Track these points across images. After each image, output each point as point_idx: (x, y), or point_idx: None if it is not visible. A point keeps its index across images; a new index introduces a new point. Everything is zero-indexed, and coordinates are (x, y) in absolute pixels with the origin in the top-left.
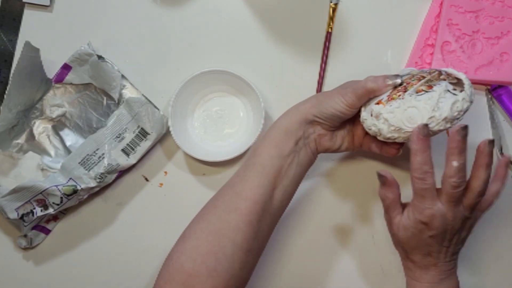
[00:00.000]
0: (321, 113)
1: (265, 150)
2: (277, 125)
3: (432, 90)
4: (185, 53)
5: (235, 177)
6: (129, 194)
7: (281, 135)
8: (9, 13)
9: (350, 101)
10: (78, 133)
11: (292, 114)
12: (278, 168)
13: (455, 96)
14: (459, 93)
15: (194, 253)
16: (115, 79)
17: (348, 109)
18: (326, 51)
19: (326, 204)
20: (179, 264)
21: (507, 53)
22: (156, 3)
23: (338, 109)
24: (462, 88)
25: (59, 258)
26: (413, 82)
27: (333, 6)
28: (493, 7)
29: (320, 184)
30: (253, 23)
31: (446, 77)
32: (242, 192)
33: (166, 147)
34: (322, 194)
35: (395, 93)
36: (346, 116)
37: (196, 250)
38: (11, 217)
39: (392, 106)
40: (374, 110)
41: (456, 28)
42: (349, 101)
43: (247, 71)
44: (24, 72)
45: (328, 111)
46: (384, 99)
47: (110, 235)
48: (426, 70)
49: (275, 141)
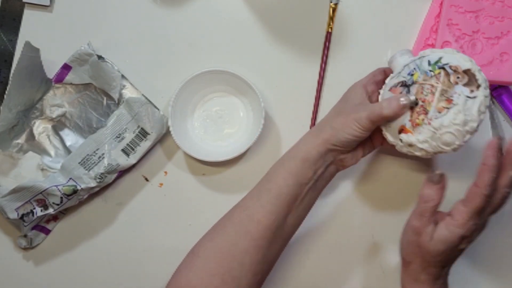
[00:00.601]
0: (339, 142)
1: (282, 177)
2: (294, 154)
3: (454, 104)
4: (185, 53)
5: (248, 199)
6: (129, 194)
7: (299, 164)
8: (9, 13)
9: (366, 126)
10: (78, 133)
11: (309, 144)
12: (295, 196)
13: (476, 99)
14: (477, 91)
15: (202, 271)
16: (115, 79)
17: (365, 132)
18: (326, 51)
19: (326, 204)
20: (186, 280)
21: (507, 53)
22: (156, 3)
23: (356, 135)
24: (476, 82)
25: (59, 258)
26: (428, 98)
27: (333, 6)
28: (493, 7)
29: None
30: (253, 23)
31: (455, 76)
32: (254, 216)
33: (166, 147)
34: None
35: (416, 116)
36: (365, 137)
37: (203, 269)
38: (11, 217)
39: (422, 134)
40: (404, 139)
41: (456, 28)
42: (366, 126)
43: (247, 71)
44: (24, 72)
45: (347, 138)
46: (408, 125)
47: (110, 235)
48: (429, 71)
49: (293, 170)
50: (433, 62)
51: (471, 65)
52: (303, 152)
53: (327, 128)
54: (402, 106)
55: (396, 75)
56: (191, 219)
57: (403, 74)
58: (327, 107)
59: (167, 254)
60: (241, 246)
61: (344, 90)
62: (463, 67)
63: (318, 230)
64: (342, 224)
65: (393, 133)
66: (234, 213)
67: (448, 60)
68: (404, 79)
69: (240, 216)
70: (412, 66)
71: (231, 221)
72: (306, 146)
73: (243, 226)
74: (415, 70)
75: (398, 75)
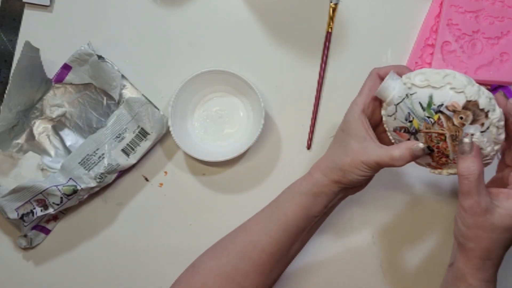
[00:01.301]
0: (351, 183)
1: (291, 210)
2: (308, 191)
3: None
4: (185, 53)
5: (254, 223)
6: (129, 194)
7: (311, 199)
8: (9, 13)
9: (376, 169)
10: (78, 133)
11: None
12: (303, 228)
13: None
14: (487, 120)
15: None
16: (115, 79)
17: (375, 172)
18: (326, 51)
19: None
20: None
21: (507, 53)
22: (156, 3)
23: (366, 175)
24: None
25: (59, 258)
26: (442, 145)
27: (333, 6)
28: (493, 7)
29: None
30: (253, 23)
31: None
32: (258, 244)
33: (166, 147)
34: None
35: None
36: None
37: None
38: (11, 217)
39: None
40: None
41: (456, 28)
42: (376, 169)
43: (247, 71)
44: (24, 72)
45: (358, 179)
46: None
47: (110, 235)
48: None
49: (303, 205)
50: (426, 105)
51: (466, 94)
52: (316, 189)
53: (335, 171)
54: (415, 157)
55: (393, 116)
56: (191, 219)
57: (400, 117)
58: (327, 107)
59: (167, 254)
60: (243, 270)
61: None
62: (460, 102)
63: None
64: (342, 224)
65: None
66: (238, 236)
67: (440, 99)
68: (404, 124)
69: (244, 241)
70: (406, 110)
71: (234, 244)
72: (318, 185)
73: (246, 252)
74: (411, 116)
75: (395, 118)
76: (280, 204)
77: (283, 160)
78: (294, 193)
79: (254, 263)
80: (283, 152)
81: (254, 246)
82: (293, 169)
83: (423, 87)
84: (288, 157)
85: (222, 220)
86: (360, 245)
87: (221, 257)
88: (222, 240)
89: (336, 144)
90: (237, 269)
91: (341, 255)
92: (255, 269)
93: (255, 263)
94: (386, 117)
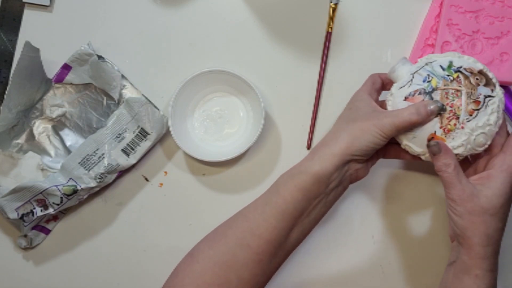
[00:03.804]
0: (359, 151)
1: (290, 192)
2: (306, 168)
3: (482, 106)
4: (185, 53)
5: (252, 209)
6: (129, 194)
7: (310, 180)
8: (9, 13)
9: (389, 134)
10: (78, 133)
11: (323, 156)
12: (301, 211)
13: (495, 97)
14: (496, 90)
15: (199, 279)
16: (115, 79)
17: (386, 140)
18: (326, 51)
19: None
20: (182, 285)
21: (507, 53)
22: (156, 3)
23: (377, 143)
24: (492, 81)
25: (59, 258)
26: (456, 103)
27: (333, 6)
28: (493, 7)
29: None
30: (253, 23)
31: (474, 78)
32: (256, 230)
33: (166, 147)
34: None
35: (447, 122)
36: (382, 145)
37: (201, 277)
38: (11, 217)
39: (456, 139)
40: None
41: (456, 28)
42: (389, 134)
43: (247, 71)
44: (24, 72)
45: (367, 147)
46: (439, 132)
47: (110, 235)
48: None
49: (302, 185)
50: (446, 66)
51: (481, 65)
52: (317, 166)
53: (343, 136)
54: (430, 112)
55: (407, 84)
56: (191, 219)
57: (417, 82)
58: (327, 107)
59: (167, 254)
60: (241, 259)
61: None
62: (477, 68)
63: (318, 230)
64: (342, 224)
65: (420, 143)
66: (237, 222)
67: (460, 63)
68: (420, 87)
69: (242, 227)
70: (425, 73)
71: (233, 231)
72: (320, 159)
73: (244, 239)
74: (430, 77)
75: (410, 84)
76: (278, 188)
77: (283, 160)
78: (292, 174)
79: (252, 251)
80: (283, 152)
81: (252, 233)
82: None
83: (444, 56)
84: (288, 157)
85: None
86: (360, 245)
87: (219, 245)
88: (220, 227)
89: (340, 121)
90: (235, 258)
91: (341, 255)
92: (253, 257)
93: (254, 251)
94: (396, 89)
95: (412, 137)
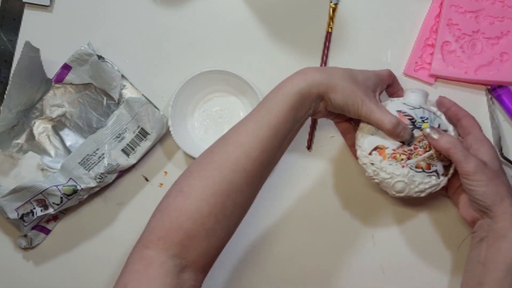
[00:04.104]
0: (336, 103)
1: (283, 112)
2: (295, 87)
3: (429, 172)
4: (185, 53)
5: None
6: (129, 194)
7: (299, 100)
8: (9, 13)
9: (365, 115)
10: (78, 133)
11: (311, 82)
12: (288, 132)
13: (437, 180)
14: (443, 178)
15: (195, 213)
16: (115, 79)
17: (356, 116)
18: (326, 51)
19: (326, 204)
20: (178, 224)
21: (507, 53)
22: (156, 3)
23: (350, 111)
24: (448, 169)
25: (59, 258)
26: (419, 151)
27: (333, 6)
28: (493, 7)
29: (320, 184)
30: (253, 23)
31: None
32: (251, 154)
33: (166, 147)
34: (322, 194)
35: (400, 152)
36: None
37: (197, 211)
38: (11, 217)
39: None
40: (374, 158)
41: (456, 28)
42: (364, 114)
43: (247, 71)
44: (24, 72)
45: (343, 107)
46: (388, 151)
47: (110, 235)
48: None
49: (293, 104)
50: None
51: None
52: (304, 87)
53: (335, 82)
54: (401, 135)
55: (410, 107)
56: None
57: (418, 113)
58: None
59: None
60: (237, 184)
61: None
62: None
63: (318, 230)
64: (342, 224)
65: (369, 143)
66: (227, 148)
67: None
68: (416, 117)
69: (237, 153)
70: (426, 115)
71: (226, 157)
72: (308, 83)
73: (240, 164)
74: (427, 121)
75: (412, 109)
76: (271, 107)
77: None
78: (284, 94)
79: (248, 174)
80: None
81: (247, 157)
82: (293, 169)
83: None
84: (288, 157)
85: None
86: (360, 245)
87: (212, 175)
88: (207, 155)
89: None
90: (232, 184)
91: (341, 255)
92: (247, 180)
93: (249, 174)
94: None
95: (368, 134)
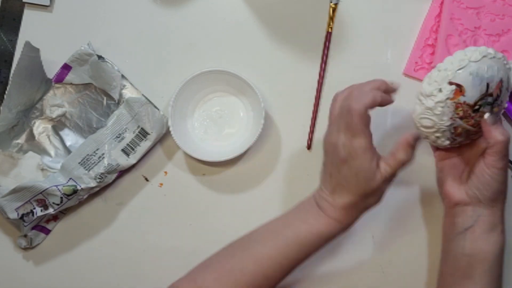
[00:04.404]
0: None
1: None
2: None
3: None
4: (185, 53)
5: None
6: (129, 194)
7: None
8: (9, 13)
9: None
10: (78, 133)
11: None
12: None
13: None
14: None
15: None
16: (115, 79)
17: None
18: (326, 51)
19: None
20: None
21: (508, 51)
22: (156, 3)
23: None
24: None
25: (59, 258)
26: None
27: (333, 6)
28: (494, 4)
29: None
30: (253, 23)
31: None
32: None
33: (166, 147)
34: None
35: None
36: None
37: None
38: (11, 217)
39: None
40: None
41: (459, 23)
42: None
43: (247, 71)
44: (24, 72)
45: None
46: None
47: (110, 235)
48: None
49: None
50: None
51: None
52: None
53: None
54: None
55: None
56: (191, 219)
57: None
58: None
59: (167, 254)
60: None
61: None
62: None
63: None
64: None
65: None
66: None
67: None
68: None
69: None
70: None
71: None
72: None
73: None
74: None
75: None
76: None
77: (283, 160)
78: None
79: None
80: (283, 152)
81: (266, 278)
82: (293, 169)
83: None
84: (288, 157)
85: (222, 220)
86: (360, 245)
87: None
88: (227, 262)
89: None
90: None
91: (341, 255)
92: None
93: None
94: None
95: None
